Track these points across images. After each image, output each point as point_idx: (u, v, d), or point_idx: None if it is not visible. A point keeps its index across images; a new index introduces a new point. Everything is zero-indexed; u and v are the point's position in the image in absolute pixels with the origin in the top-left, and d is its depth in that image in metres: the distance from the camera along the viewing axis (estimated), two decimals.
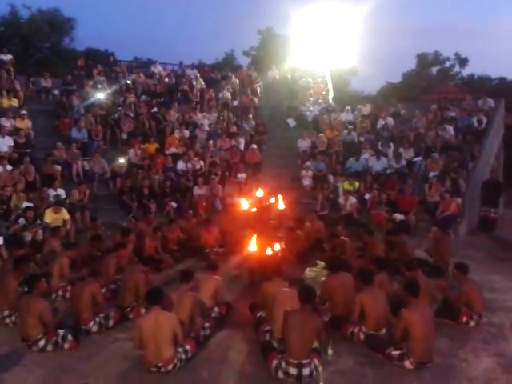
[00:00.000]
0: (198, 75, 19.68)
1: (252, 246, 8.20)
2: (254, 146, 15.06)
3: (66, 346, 5.45)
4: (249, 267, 7.83)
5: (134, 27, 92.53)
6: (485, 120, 14.75)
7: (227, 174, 13.89)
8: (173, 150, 14.38)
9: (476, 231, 11.64)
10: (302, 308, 4.98)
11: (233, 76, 20.24)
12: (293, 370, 4.73)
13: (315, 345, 5.02)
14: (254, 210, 9.21)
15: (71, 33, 32.64)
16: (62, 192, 11.31)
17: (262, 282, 6.20)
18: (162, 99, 17.46)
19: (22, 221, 9.72)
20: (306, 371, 4.75)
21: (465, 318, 6.17)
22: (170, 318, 5.01)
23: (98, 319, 6.00)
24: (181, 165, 13.67)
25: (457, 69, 38.70)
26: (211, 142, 14.81)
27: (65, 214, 10.33)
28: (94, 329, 5.94)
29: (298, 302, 5.08)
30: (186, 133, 15.34)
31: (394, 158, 13.91)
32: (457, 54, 38.11)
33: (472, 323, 6.17)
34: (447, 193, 11.81)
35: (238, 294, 7.25)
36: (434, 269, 8.08)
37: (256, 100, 18.82)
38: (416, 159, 13.98)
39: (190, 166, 13.72)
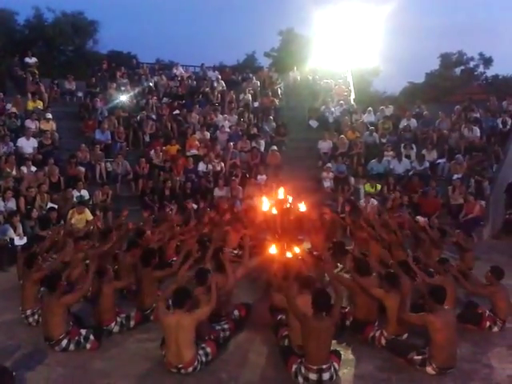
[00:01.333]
0: (219, 77, 19.77)
1: (272, 248, 8.18)
2: (275, 147, 15.06)
3: (88, 346, 5.51)
4: (269, 269, 7.80)
5: (155, 29, 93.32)
6: (510, 121, 14.58)
7: (247, 175, 13.92)
8: (193, 151, 14.48)
9: (500, 235, 11.43)
10: (315, 315, 4.87)
11: (253, 77, 20.28)
12: (313, 376, 4.70)
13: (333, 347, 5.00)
14: (274, 211, 9.18)
15: (95, 35, 33.14)
16: (85, 193, 11.52)
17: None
18: (184, 101, 17.59)
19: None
20: (325, 376, 4.71)
21: (488, 323, 6.06)
22: (193, 318, 4.99)
23: (119, 320, 6.06)
24: (201, 166, 13.77)
25: (481, 69, 38.14)
26: (232, 143, 14.87)
27: (88, 214, 10.51)
28: (116, 329, 6.00)
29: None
30: (207, 134, 15.42)
31: (417, 160, 13.77)
32: (481, 54, 37.55)
33: (496, 329, 6.06)
34: (471, 195, 11.64)
35: (258, 296, 7.24)
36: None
37: (277, 101, 18.78)
38: (439, 161, 13.85)
39: (210, 167, 13.80)
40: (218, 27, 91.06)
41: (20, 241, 9.22)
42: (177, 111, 16.66)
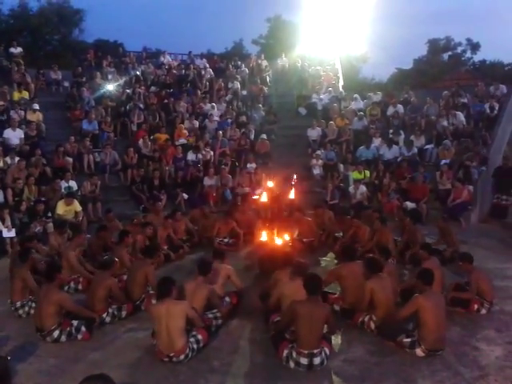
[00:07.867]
0: (207, 65, 19.64)
1: (263, 235, 8.22)
2: (264, 135, 15.04)
3: (80, 336, 5.50)
4: (259, 257, 7.84)
5: (142, 17, 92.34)
6: (497, 106, 14.60)
7: (237, 164, 13.89)
8: (182, 140, 14.39)
9: (488, 219, 11.53)
10: (308, 298, 4.93)
11: (243, 65, 20.17)
12: (304, 360, 4.75)
13: (325, 332, 5.03)
14: (264, 199, 9.21)
15: (80, 24, 32.82)
16: (73, 184, 11.41)
17: (274, 271, 6.22)
18: (171, 90, 17.46)
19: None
20: (316, 360, 4.76)
21: (476, 306, 6.14)
22: (182, 307, 5.01)
23: (111, 310, 6.05)
24: (191, 155, 13.69)
25: (468, 54, 38.36)
26: (221, 132, 14.79)
27: (77, 205, 10.43)
28: (108, 319, 6.00)
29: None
30: (196, 123, 15.33)
31: (405, 146, 13.82)
32: (468, 40, 37.73)
33: (483, 311, 6.15)
34: (459, 180, 11.72)
35: (248, 284, 7.26)
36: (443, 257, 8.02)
37: (265, 89, 18.73)
38: (427, 147, 13.90)
39: (200, 156, 13.72)
40: (205, 15, 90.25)
41: (8, 233, 9.14)
42: (165, 100, 16.53)
